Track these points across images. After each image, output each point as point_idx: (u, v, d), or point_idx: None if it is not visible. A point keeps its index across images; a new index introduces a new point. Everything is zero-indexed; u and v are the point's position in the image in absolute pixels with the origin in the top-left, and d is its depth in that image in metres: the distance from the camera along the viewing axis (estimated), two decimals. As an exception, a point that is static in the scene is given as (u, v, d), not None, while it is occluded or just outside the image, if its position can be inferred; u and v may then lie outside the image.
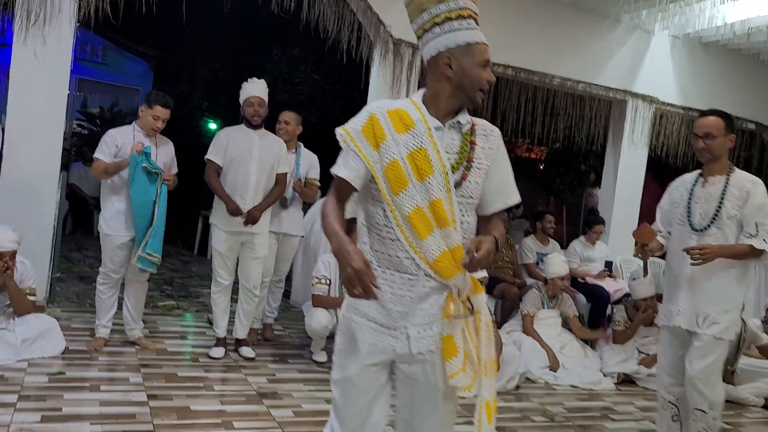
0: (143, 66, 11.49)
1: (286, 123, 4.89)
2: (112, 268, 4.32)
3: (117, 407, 3.35)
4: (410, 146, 1.85)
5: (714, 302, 3.19)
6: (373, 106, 1.92)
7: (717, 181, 3.24)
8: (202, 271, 7.89)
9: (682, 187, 3.40)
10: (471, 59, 1.87)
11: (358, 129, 1.86)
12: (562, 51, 6.66)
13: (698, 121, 3.26)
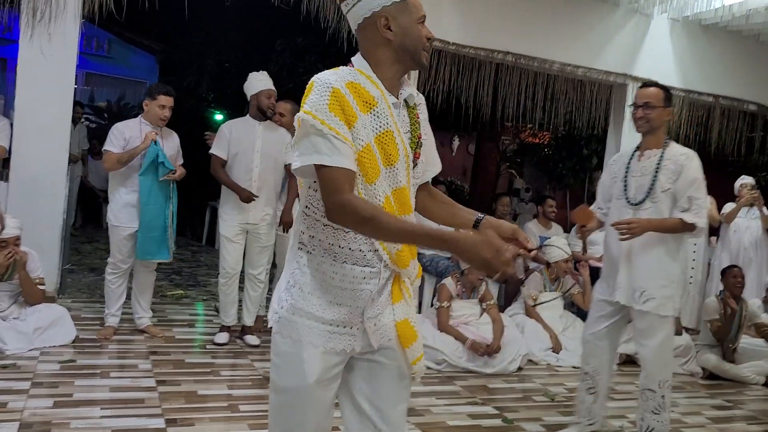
0: (149, 59, 11.60)
1: (281, 115, 4.85)
2: (121, 258, 4.43)
3: (126, 393, 3.48)
4: (376, 128, 1.65)
5: (650, 277, 3.17)
6: (325, 78, 1.63)
7: (653, 154, 3.23)
8: (210, 261, 8.03)
9: (620, 161, 3.40)
10: (409, 16, 1.70)
11: (325, 109, 1.58)
12: (561, 36, 6.68)
13: (638, 91, 3.27)
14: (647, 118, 3.18)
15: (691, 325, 6.50)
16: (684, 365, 5.28)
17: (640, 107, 3.20)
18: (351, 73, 1.67)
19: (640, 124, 3.22)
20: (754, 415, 4.36)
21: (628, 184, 3.27)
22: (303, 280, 1.70)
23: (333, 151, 1.56)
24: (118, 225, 4.38)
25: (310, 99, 1.60)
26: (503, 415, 3.83)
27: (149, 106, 4.43)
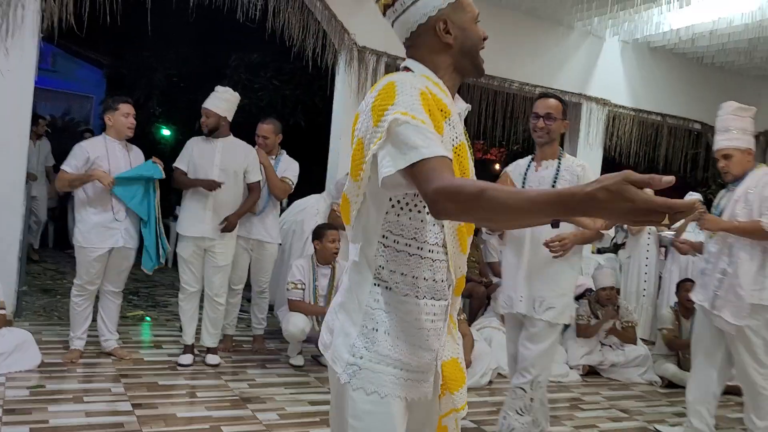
0: (96, 73, 11.30)
1: (264, 138, 4.94)
2: (88, 280, 4.30)
3: (104, 417, 3.36)
4: (453, 140, 1.49)
5: (550, 287, 3.14)
6: (407, 79, 1.46)
7: (549, 165, 3.17)
8: (166, 280, 7.84)
9: (516, 171, 3.31)
10: (465, 16, 1.59)
11: (420, 109, 1.40)
12: (520, 57, 6.88)
13: (540, 102, 3.18)
14: (548, 129, 3.13)
15: (646, 336, 6.72)
16: (642, 374, 5.46)
17: (542, 117, 3.13)
18: (420, 80, 1.49)
19: (541, 135, 3.15)
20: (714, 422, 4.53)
21: None
22: (385, 321, 1.47)
23: (430, 143, 1.34)
24: (86, 246, 4.25)
25: (402, 100, 1.40)
26: (481, 428, 3.87)
27: (113, 119, 4.34)
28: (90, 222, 4.25)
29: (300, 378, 4.47)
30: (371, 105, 1.44)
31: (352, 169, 1.51)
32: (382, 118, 1.39)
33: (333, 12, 5.85)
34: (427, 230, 1.47)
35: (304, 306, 4.68)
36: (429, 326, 1.49)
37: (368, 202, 1.50)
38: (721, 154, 3.70)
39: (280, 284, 5.28)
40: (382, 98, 1.42)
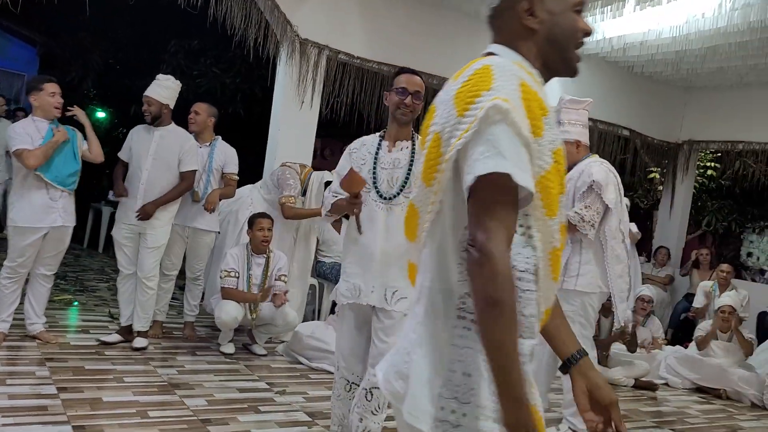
0: (29, 51, 10.93)
1: (195, 113, 4.98)
2: (22, 262, 4.21)
3: (27, 400, 3.32)
4: (552, 143, 1.24)
5: (403, 276, 2.85)
6: (505, 64, 1.25)
7: (404, 146, 2.95)
8: (95, 265, 7.72)
9: (363, 150, 3.03)
10: (561, 1, 1.34)
11: (520, 103, 1.18)
12: (459, 56, 6.90)
13: (408, 78, 2.90)
14: (415, 108, 2.90)
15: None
16: (563, 368, 5.71)
17: (411, 95, 2.87)
18: (515, 68, 1.25)
19: (406, 113, 2.88)
20: (626, 414, 4.81)
21: (378, 176, 2.94)
22: (478, 364, 1.19)
23: (522, 164, 1.14)
24: (24, 226, 4.15)
25: (501, 85, 1.18)
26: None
27: (39, 99, 4.25)
28: (27, 202, 4.16)
29: (230, 365, 4.51)
30: (455, 92, 1.22)
31: (424, 171, 1.28)
32: (472, 105, 1.17)
33: (276, 2, 5.86)
34: (517, 253, 1.20)
35: (237, 294, 4.71)
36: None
37: (445, 213, 1.25)
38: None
39: (213, 272, 5.28)
40: (474, 83, 1.20)
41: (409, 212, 1.37)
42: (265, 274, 4.85)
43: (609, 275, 3.84)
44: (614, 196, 3.84)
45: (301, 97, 6.13)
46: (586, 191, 3.83)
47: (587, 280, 3.87)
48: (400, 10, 6.56)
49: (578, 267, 3.85)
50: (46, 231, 4.22)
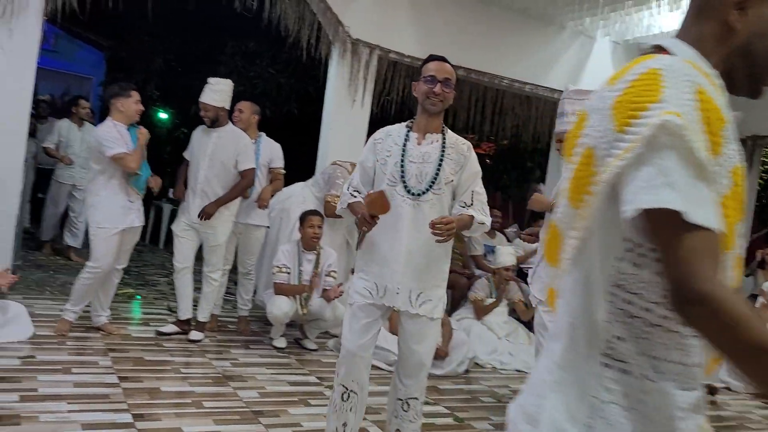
0: (96, 55, 11.40)
1: (240, 111, 5.11)
2: (107, 261, 4.42)
3: (90, 388, 3.52)
4: (730, 159, 1.04)
5: (427, 278, 2.79)
6: (679, 66, 1.03)
7: (434, 139, 2.79)
8: (155, 260, 8.02)
9: (389, 140, 2.84)
10: None
11: (695, 118, 0.98)
12: (511, 54, 7.01)
13: (437, 65, 2.74)
14: (445, 96, 2.73)
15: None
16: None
17: (440, 82, 2.71)
18: (691, 70, 1.03)
19: (435, 102, 2.73)
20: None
21: (406, 170, 2.77)
22: (624, 423, 1.04)
23: (704, 198, 0.95)
24: (108, 227, 4.37)
25: (671, 95, 0.98)
26: (454, 414, 4.04)
27: (125, 105, 4.48)
28: (110, 204, 4.38)
29: (281, 359, 4.64)
30: (614, 100, 1.04)
31: (571, 190, 1.12)
32: (635, 120, 0.99)
33: (328, 4, 5.98)
34: None
35: (288, 288, 4.84)
36: (683, 428, 1.04)
37: (594, 240, 1.09)
38: (557, 138, 3.73)
39: (265, 268, 5.44)
40: (638, 91, 1.01)
41: (551, 234, 1.21)
42: (315, 270, 4.97)
43: None
44: None
45: (353, 96, 6.24)
46: None
47: None
48: (450, 9, 6.58)
49: None
50: (125, 228, 4.47)
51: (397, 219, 2.71)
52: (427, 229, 2.63)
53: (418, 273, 2.77)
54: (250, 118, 5.15)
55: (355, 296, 2.84)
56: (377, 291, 2.80)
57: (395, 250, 2.76)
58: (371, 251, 2.82)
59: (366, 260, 2.85)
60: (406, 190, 2.75)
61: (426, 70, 2.77)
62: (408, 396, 2.88)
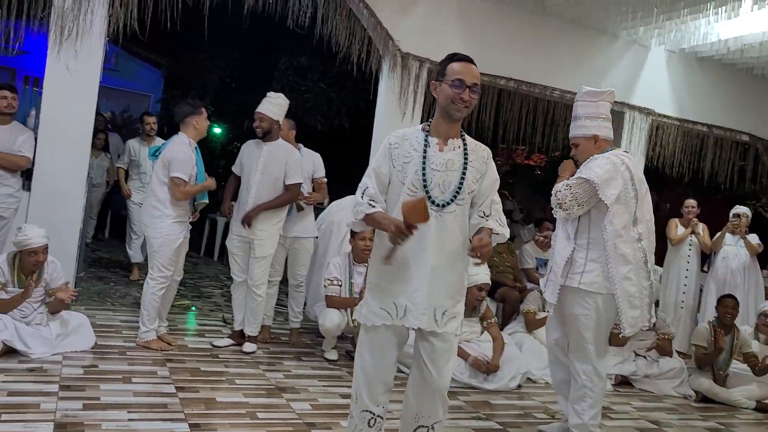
0: (155, 73, 11.79)
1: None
2: (171, 270, 4.62)
3: (149, 398, 3.61)
4: None
5: (451, 294, 2.64)
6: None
7: (456, 145, 2.62)
8: (210, 272, 8.18)
9: (406, 146, 2.64)
10: None
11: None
12: (562, 64, 6.94)
13: (463, 66, 2.55)
14: (471, 103, 2.55)
15: (683, 349, 6.69)
16: (676, 387, 5.43)
17: (469, 88, 2.52)
18: None
19: (461, 109, 2.54)
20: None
21: (429, 179, 2.58)
22: None
23: None
24: (173, 238, 4.55)
25: None
26: (506, 430, 3.98)
27: (200, 122, 4.67)
28: (174, 215, 4.55)
29: (333, 372, 4.67)
30: None
31: None
32: None
33: (378, 19, 6.05)
34: None
35: (339, 300, 4.88)
36: None
37: None
38: (571, 144, 3.70)
39: (315, 281, 5.50)
40: None
41: None
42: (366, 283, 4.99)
43: (613, 277, 3.46)
44: (616, 192, 3.43)
45: (403, 109, 6.28)
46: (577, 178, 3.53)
47: (591, 278, 3.51)
48: (500, 20, 6.56)
49: (584, 264, 3.52)
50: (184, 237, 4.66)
51: (421, 232, 2.46)
52: (450, 243, 2.58)
53: (444, 289, 2.61)
54: (288, 134, 5.22)
55: (371, 317, 2.63)
56: (396, 311, 2.60)
57: (419, 266, 2.56)
58: (389, 267, 2.56)
59: (382, 278, 2.64)
60: (429, 201, 2.53)
61: (451, 71, 2.55)
62: (434, 421, 2.69)
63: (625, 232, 3.46)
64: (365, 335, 2.68)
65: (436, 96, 2.61)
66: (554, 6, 6.56)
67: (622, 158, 3.55)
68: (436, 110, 2.64)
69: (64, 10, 4.90)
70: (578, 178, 3.51)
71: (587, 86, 3.75)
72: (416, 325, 2.60)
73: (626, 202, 3.48)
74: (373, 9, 6.01)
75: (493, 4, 6.54)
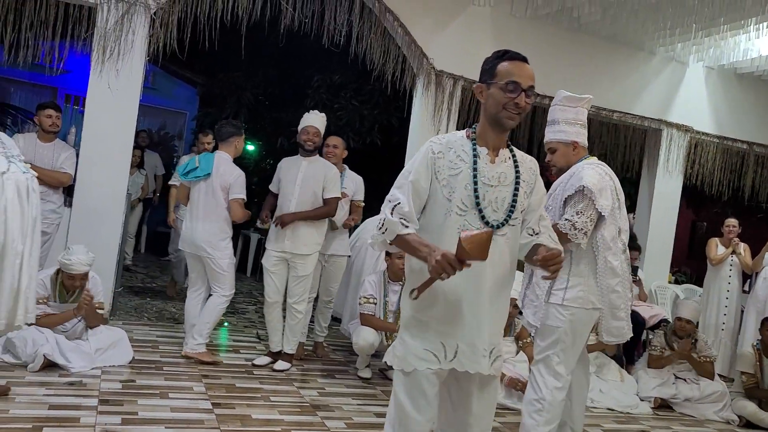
0: (190, 91, 12.00)
1: (334, 147, 5.18)
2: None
3: (186, 413, 3.63)
4: None
5: (499, 330, 2.31)
6: None
7: (506, 156, 2.27)
8: (245, 289, 8.23)
9: (451, 155, 2.22)
10: None
11: None
12: (598, 81, 6.87)
13: (517, 66, 2.20)
14: (526, 109, 2.20)
15: (724, 372, 6.51)
16: (718, 412, 5.28)
17: (525, 91, 2.17)
18: None
19: (514, 116, 2.18)
20: None
21: (481, 196, 2.20)
22: None
23: None
24: (233, 258, 4.84)
25: None
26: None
27: (240, 143, 4.85)
28: (231, 235, 4.77)
29: (367, 390, 4.64)
30: None
31: None
32: None
33: (413, 37, 6.08)
34: None
35: (375, 321, 4.86)
36: None
37: None
38: (548, 148, 3.54)
39: (350, 299, 5.49)
40: None
41: None
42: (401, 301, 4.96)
43: (601, 289, 3.32)
44: (609, 203, 3.32)
45: (437, 126, 6.28)
46: (575, 196, 3.28)
47: (574, 293, 3.28)
48: (535, 37, 6.54)
49: (567, 279, 3.29)
50: None
51: (479, 267, 2.08)
52: (501, 269, 2.22)
53: (498, 324, 2.29)
54: (342, 153, 5.25)
55: (413, 361, 2.19)
56: (445, 353, 2.18)
57: (475, 299, 2.17)
58: (435, 302, 2.17)
59: (427, 313, 2.19)
60: (482, 221, 2.18)
61: (504, 72, 2.18)
62: None
63: (614, 244, 3.34)
64: (403, 379, 2.22)
65: (483, 101, 2.23)
66: (590, 23, 6.52)
67: (604, 168, 3.44)
68: (483, 117, 2.25)
69: (106, 31, 5.03)
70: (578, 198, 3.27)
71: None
72: (474, 370, 2.19)
73: (613, 212, 3.37)
74: (408, 27, 6.05)
75: (528, 22, 6.52)
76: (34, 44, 5.17)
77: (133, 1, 5.10)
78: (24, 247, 3.31)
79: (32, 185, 3.38)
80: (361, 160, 5.71)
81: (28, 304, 3.38)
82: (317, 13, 5.68)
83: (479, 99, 2.26)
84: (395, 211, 2.18)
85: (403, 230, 2.15)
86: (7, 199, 3.22)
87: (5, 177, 3.23)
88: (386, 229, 2.18)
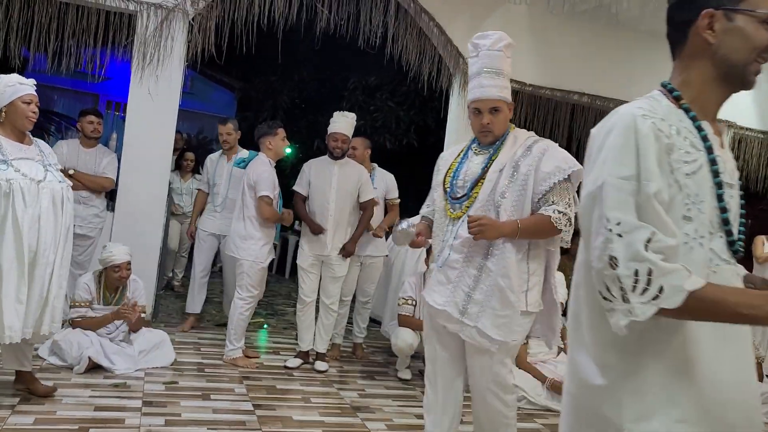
0: (228, 95, 12.18)
1: (353, 148, 5.14)
2: (258, 290, 4.77)
3: (228, 415, 3.67)
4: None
5: None
6: None
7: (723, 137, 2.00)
8: (283, 290, 8.30)
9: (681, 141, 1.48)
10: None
11: None
12: (637, 77, 6.73)
13: None
14: None
15: (773, 371, 6.32)
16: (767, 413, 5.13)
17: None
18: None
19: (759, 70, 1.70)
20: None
21: (727, 202, 1.84)
22: None
23: None
24: (263, 264, 4.72)
25: None
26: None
27: (274, 143, 4.73)
28: (264, 241, 4.68)
29: (407, 391, 4.63)
30: None
31: None
32: None
33: (449, 37, 6.04)
34: None
35: (413, 321, 4.84)
36: None
37: None
38: (488, 107, 2.72)
39: (390, 300, 5.48)
40: None
41: None
42: (440, 303, 4.93)
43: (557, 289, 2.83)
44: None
45: (474, 129, 6.22)
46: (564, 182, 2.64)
47: (534, 297, 2.70)
48: (573, 34, 6.44)
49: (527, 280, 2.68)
50: None
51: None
52: None
53: None
54: (364, 153, 5.23)
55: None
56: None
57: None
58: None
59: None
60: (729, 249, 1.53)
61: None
62: None
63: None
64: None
65: (713, 41, 1.44)
66: (628, 18, 6.38)
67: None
68: (701, 70, 1.48)
69: (146, 37, 5.12)
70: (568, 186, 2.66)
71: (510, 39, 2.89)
72: None
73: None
74: (443, 27, 6.01)
75: (565, 18, 6.42)
76: (77, 52, 5.28)
77: (172, 8, 5.18)
78: (56, 257, 3.32)
79: (67, 194, 3.39)
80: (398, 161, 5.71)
81: (54, 314, 3.36)
82: (352, 15, 5.68)
83: (702, 35, 1.45)
84: (650, 246, 1.26)
85: (695, 283, 1.25)
86: (42, 207, 3.23)
87: (41, 186, 3.24)
88: (661, 292, 1.24)
